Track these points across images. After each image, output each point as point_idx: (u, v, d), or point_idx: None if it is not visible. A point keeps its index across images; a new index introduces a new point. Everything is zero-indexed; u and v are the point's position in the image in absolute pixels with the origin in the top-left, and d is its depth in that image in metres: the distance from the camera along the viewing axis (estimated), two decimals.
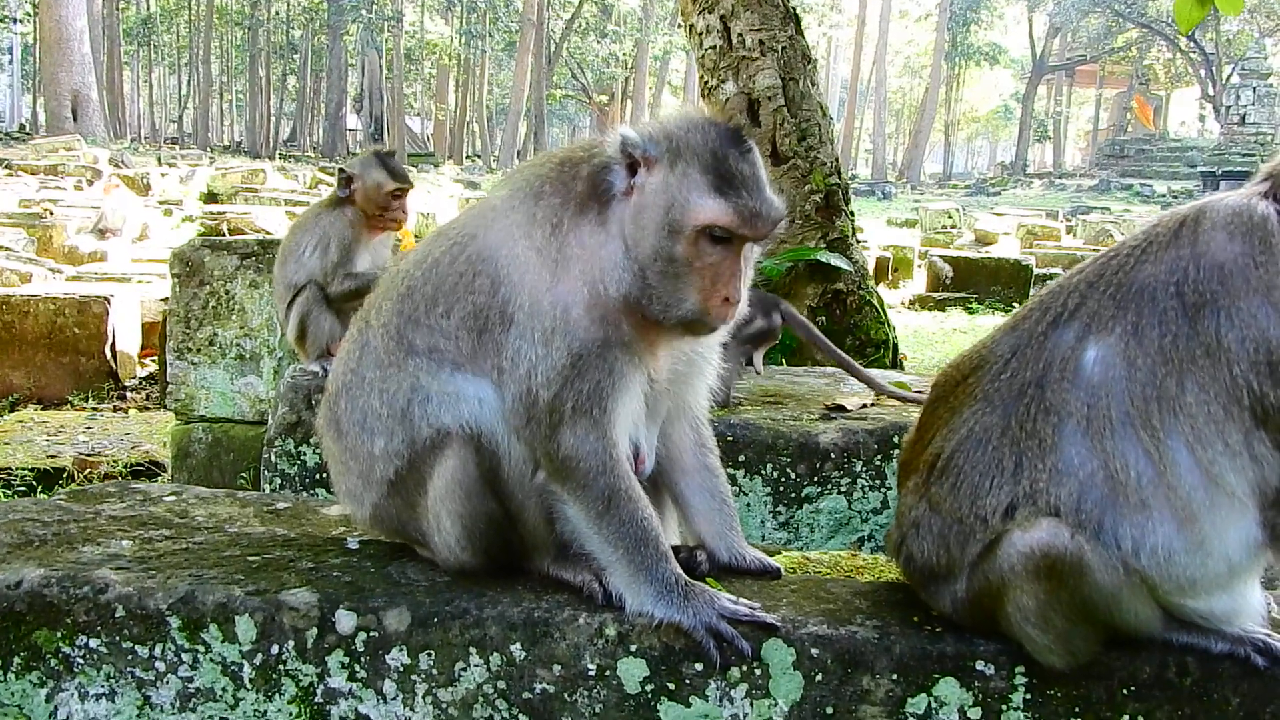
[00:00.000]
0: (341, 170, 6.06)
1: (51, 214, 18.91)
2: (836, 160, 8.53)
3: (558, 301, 2.64)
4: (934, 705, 2.67)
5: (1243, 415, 2.49)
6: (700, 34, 8.49)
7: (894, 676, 2.67)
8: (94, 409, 9.81)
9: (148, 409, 9.88)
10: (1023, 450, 2.61)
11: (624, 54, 72.07)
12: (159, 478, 7.62)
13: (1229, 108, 58.19)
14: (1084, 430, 2.56)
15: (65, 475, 7.53)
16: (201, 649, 2.79)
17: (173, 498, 3.58)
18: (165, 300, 10.49)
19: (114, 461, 7.80)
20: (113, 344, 10.43)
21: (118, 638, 2.80)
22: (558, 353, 2.62)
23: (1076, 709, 2.66)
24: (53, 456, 7.87)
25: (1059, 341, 2.66)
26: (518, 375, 2.66)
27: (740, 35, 8.28)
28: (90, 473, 7.59)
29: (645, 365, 2.75)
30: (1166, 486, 2.50)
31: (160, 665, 2.80)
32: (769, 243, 2.79)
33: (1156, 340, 2.55)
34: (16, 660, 2.82)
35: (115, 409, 9.91)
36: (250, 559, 3.02)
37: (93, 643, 2.81)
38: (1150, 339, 2.56)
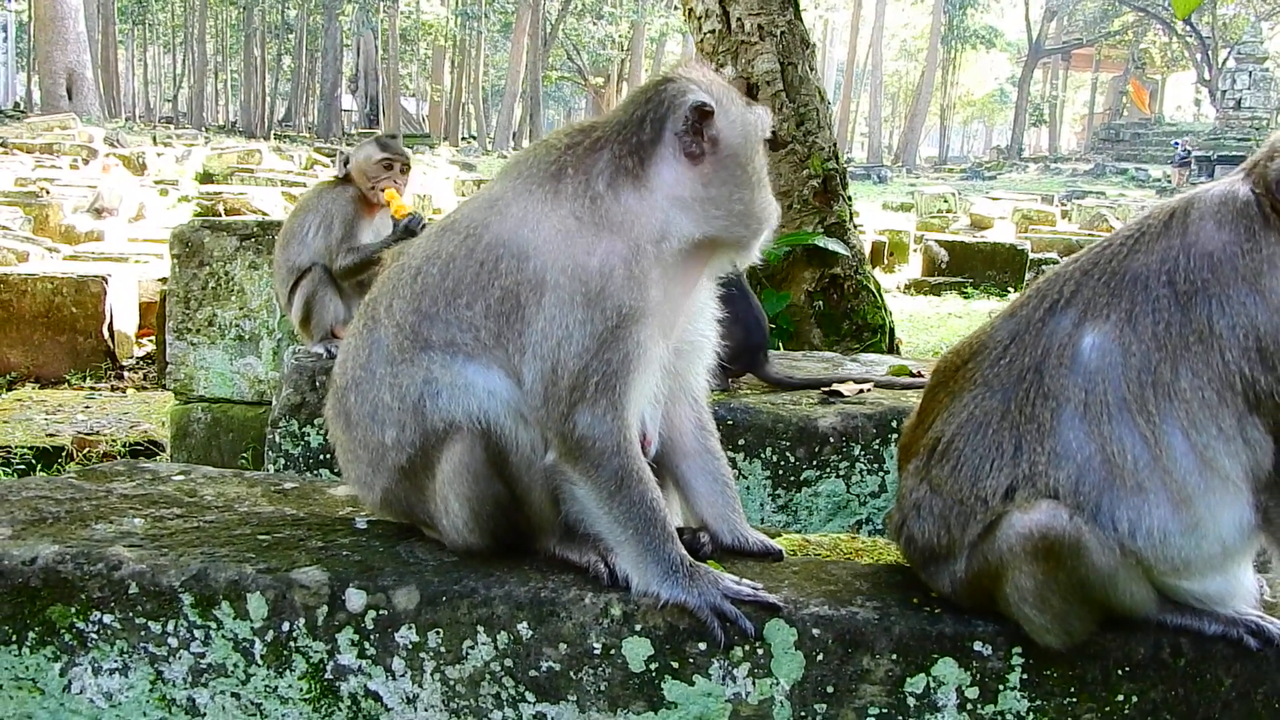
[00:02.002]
0: (340, 152, 6.20)
1: (48, 193, 18.85)
2: (834, 145, 8.52)
3: (605, 263, 2.68)
4: (932, 685, 2.72)
5: (1236, 400, 2.54)
6: (699, 18, 8.47)
7: (893, 656, 2.71)
8: (92, 388, 9.82)
9: (145, 389, 9.90)
10: (1022, 434, 2.65)
11: (620, 36, 71.85)
12: (158, 457, 7.65)
13: (1224, 92, 58.27)
14: (1082, 415, 2.61)
15: (64, 454, 7.56)
16: (213, 625, 2.83)
17: (181, 477, 3.61)
18: (162, 280, 10.53)
19: (113, 441, 7.83)
20: (110, 323, 10.43)
21: (131, 614, 2.84)
22: (601, 316, 2.66)
23: (1072, 689, 2.71)
24: (52, 435, 7.91)
25: (1056, 328, 2.70)
26: (545, 349, 2.69)
27: (739, 19, 8.27)
28: (90, 452, 7.61)
29: (667, 337, 2.81)
30: (1162, 470, 2.55)
31: (173, 641, 2.84)
32: None
33: (1150, 328, 2.60)
34: (31, 635, 2.86)
35: (113, 388, 9.93)
36: (261, 537, 3.05)
37: (106, 618, 2.84)
38: (1144, 326, 2.61)
